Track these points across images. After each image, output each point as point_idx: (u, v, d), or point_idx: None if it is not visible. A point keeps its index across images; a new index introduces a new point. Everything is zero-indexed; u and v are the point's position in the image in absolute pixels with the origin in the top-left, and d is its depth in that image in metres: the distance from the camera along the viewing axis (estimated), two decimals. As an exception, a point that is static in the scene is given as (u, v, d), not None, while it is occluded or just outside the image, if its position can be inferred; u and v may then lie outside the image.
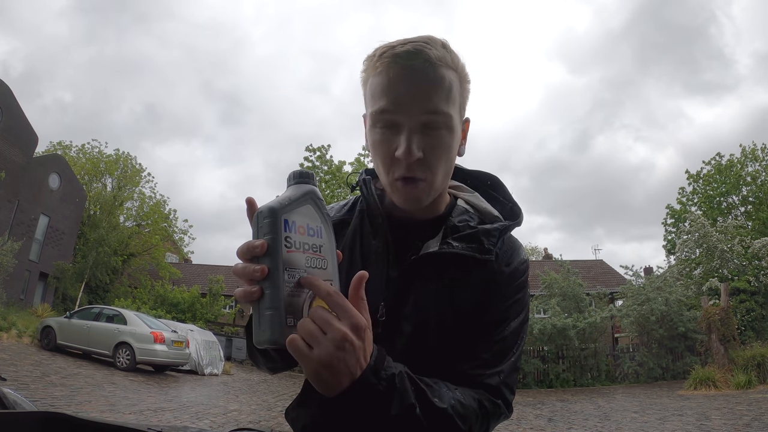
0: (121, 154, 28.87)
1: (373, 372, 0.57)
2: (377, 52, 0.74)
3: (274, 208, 0.57)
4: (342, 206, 0.92)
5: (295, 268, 0.56)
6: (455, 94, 0.73)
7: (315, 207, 0.61)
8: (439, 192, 0.78)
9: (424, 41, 0.72)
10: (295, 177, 0.63)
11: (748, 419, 7.28)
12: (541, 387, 15.58)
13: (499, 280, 0.78)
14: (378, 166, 0.76)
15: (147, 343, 11.83)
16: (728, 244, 17.25)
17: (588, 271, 26.42)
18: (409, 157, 0.70)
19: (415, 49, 0.70)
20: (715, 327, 12.58)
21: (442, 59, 0.72)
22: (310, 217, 0.60)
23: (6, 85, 20.31)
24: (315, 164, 21.07)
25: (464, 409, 0.67)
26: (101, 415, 6.10)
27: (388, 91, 0.71)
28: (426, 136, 0.71)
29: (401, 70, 0.70)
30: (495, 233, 0.79)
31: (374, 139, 0.75)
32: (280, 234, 0.56)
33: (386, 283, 0.78)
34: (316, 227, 0.60)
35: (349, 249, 0.84)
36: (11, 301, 17.34)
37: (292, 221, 0.57)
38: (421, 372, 0.75)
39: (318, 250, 0.59)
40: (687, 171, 28.03)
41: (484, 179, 0.91)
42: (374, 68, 0.73)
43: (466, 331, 0.76)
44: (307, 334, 0.54)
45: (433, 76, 0.70)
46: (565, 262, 19.35)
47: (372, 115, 0.74)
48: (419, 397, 0.62)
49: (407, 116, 0.70)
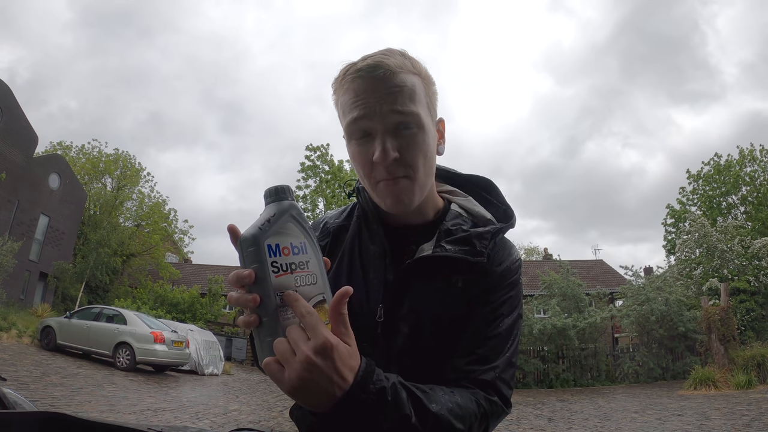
0: (121, 154, 28.87)
1: (361, 387, 0.57)
2: (341, 73, 0.78)
3: (255, 235, 0.57)
4: (341, 212, 0.96)
5: (286, 291, 0.56)
6: (420, 95, 0.77)
7: (296, 223, 0.60)
8: (424, 191, 0.81)
9: (382, 53, 0.77)
10: (271, 195, 0.61)
11: (748, 419, 7.28)
12: (541, 387, 15.59)
13: (491, 279, 0.81)
14: (361, 176, 0.80)
15: (147, 343, 11.83)
16: (728, 244, 17.25)
17: (588, 271, 26.43)
18: (385, 159, 0.73)
19: (375, 61, 0.75)
20: (715, 327, 12.58)
21: (402, 66, 0.76)
22: (292, 235, 0.59)
23: (6, 86, 20.30)
24: (315, 163, 21.06)
25: (461, 410, 0.68)
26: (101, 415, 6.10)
27: (356, 102, 0.75)
28: (398, 136, 0.75)
29: (365, 82, 0.74)
30: (487, 236, 0.82)
31: (352, 151, 0.79)
32: (265, 261, 0.56)
33: (384, 286, 0.81)
34: (300, 244, 0.60)
35: (348, 254, 0.88)
36: (11, 301, 17.34)
37: (275, 244, 0.57)
38: (418, 370, 0.77)
39: (305, 267, 0.59)
40: (688, 170, 28.07)
41: (478, 183, 0.94)
42: (341, 87, 0.78)
43: (460, 330, 0.79)
44: (280, 354, 0.55)
45: (395, 82, 0.74)
46: (565, 263, 19.33)
47: (346, 129, 0.78)
48: (415, 404, 0.63)
49: (377, 121, 0.74)
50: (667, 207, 28.67)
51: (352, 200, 0.95)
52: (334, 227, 0.93)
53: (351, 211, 0.94)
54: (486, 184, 0.93)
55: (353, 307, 0.82)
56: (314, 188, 20.83)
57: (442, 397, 0.67)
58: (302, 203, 20.80)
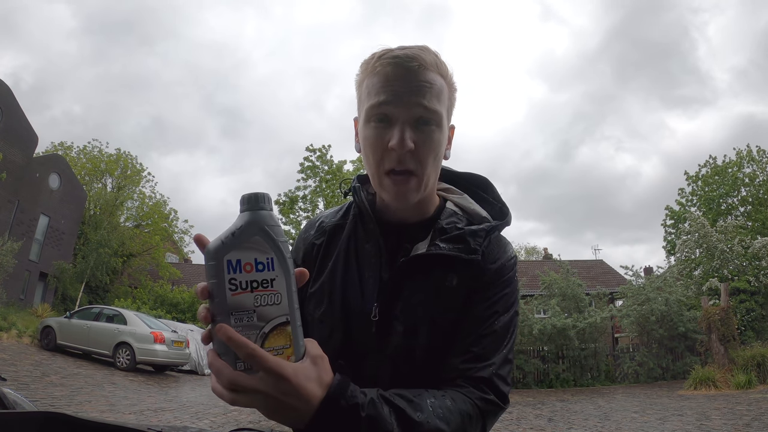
0: (122, 154, 28.87)
1: (332, 403, 0.57)
2: (375, 54, 0.79)
3: (216, 248, 0.54)
4: (337, 211, 0.96)
5: (243, 311, 0.53)
6: (445, 97, 0.79)
7: (264, 236, 0.55)
8: (427, 190, 0.81)
9: (420, 48, 0.78)
10: (244, 203, 0.57)
11: (748, 419, 7.28)
12: (541, 387, 15.57)
13: (486, 277, 0.81)
14: (369, 160, 0.79)
15: (147, 343, 11.84)
16: (728, 244, 17.24)
17: (588, 271, 26.41)
18: (402, 147, 0.74)
19: (413, 53, 0.76)
20: (715, 327, 12.57)
21: (437, 65, 0.78)
22: (258, 249, 0.55)
23: (6, 86, 20.29)
24: (315, 164, 21.04)
25: (452, 414, 0.67)
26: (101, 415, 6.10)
27: (386, 86, 0.76)
28: (418, 130, 0.76)
29: (398, 69, 0.75)
30: (481, 234, 0.82)
31: (367, 133, 0.78)
32: (223, 277, 0.53)
33: (379, 285, 0.81)
34: (266, 260, 0.55)
35: (344, 253, 0.88)
36: (11, 301, 17.34)
37: (236, 260, 0.54)
38: (414, 369, 0.78)
39: (269, 285, 0.55)
40: (686, 172, 28.10)
41: (474, 181, 0.94)
42: (372, 69, 0.78)
43: (456, 328, 0.79)
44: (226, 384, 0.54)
45: (428, 77, 0.76)
46: (565, 263, 19.31)
47: (367, 110, 0.78)
48: (399, 417, 0.62)
49: (402, 109, 0.75)
50: (666, 209, 28.71)
51: (349, 199, 0.94)
52: (329, 226, 0.93)
53: (347, 210, 0.94)
54: (482, 182, 0.94)
55: (348, 306, 0.82)
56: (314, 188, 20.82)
57: (432, 403, 0.66)
58: (302, 203, 20.76)
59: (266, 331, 0.54)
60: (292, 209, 20.49)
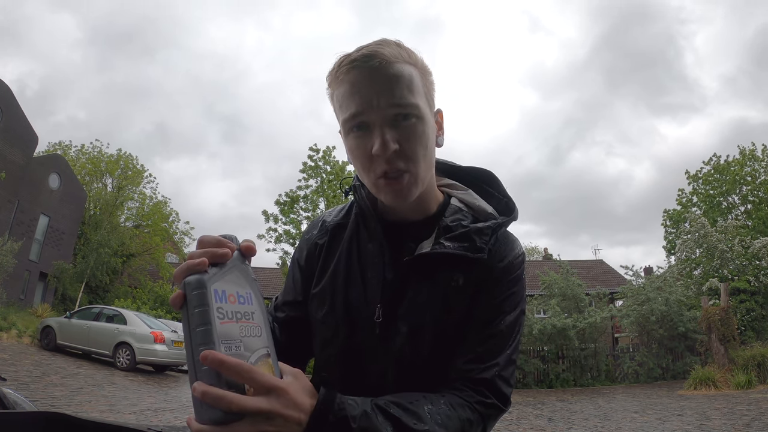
0: (123, 154, 28.85)
1: (320, 417, 0.57)
2: (335, 65, 0.76)
3: (202, 279, 0.55)
4: (339, 210, 0.94)
5: (231, 340, 0.54)
6: (417, 85, 0.75)
7: (241, 272, 0.58)
8: (424, 184, 0.78)
9: (376, 43, 0.75)
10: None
11: (748, 419, 7.28)
12: (541, 387, 15.57)
13: (492, 275, 0.79)
14: (359, 170, 0.77)
15: (147, 343, 11.83)
16: (728, 244, 17.24)
17: (588, 271, 26.41)
18: (385, 151, 0.71)
19: (370, 51, 0.72)
20: (715, 327, 12.57)
21: (398, 56, 0.74)
22: (238, 284, 0.57)
23: (6, 86, 20.28)
24: (318, 164, 21.02)
25: (450, 420, 0.67)
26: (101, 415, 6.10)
27: (354, 94, 0.73)
28: (397, 128, 0.73)
29: (361, 73, 0.72)
30: (487, 231, 0.79)
31: (350, 145, 0.76)
32: (211, 305, 0.54)
33: (382, 285, 0.79)
34: (246, 294, 0.58)
35: (346, 253, 0.85)
36: (11, 301, 17.34)
37: (222, 290, 0.55)
38: (418, 371, 0.76)
39: (251, 318, 0.57)
40: (687, 171, 28.08)
41: (479, 175, 0.91)
42: (336, 79, 0.75)
43: (461, 329, 0.77)
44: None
45: (392, 72, 0.72)
46: (565, 263, 19.31)
47: (344, 124, 0.75)
48: (395, 426, 0.62)
49: (375, 113, 0.72)
50: (665, 212, 28.71)
51: (350, 199, 0.93)
52: (332, 225, 0.91)
53: (349, 210, 0.91)
54: (487, 176, 0.90)
55: (351, 307, 0.81)
56: (315, 188, 20.79)
57: (429, 410, 0.66)
58: (303, 203, 20.75)
59: (252, 361, 0.55)
60: (292, 209, 20.48)
